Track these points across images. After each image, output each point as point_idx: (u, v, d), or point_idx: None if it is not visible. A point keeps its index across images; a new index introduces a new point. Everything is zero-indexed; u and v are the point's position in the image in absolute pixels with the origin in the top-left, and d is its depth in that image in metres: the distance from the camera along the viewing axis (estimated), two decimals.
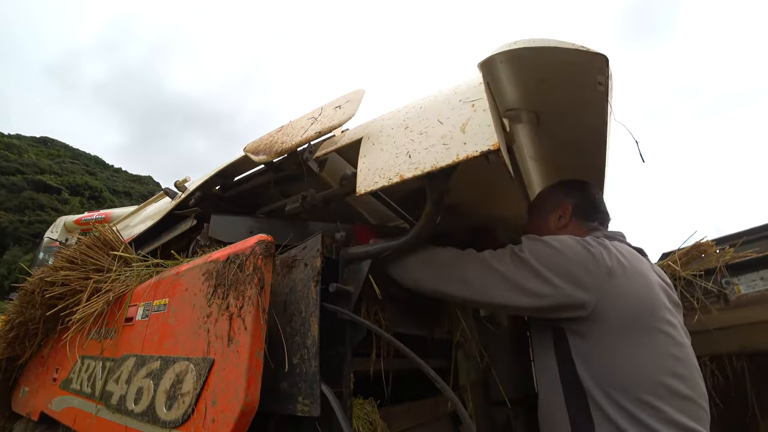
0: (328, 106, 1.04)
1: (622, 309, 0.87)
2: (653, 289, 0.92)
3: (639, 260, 0.96)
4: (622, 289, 0.88)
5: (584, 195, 1.17)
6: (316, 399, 0.82)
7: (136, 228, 1.93)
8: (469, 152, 0.70)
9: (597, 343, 0.87)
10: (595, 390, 0.86)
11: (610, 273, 0.88)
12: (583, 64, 0.81)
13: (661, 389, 0.82)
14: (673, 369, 0.85)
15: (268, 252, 0.89)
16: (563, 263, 0.89)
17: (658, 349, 0.86)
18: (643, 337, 0.86)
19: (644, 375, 0.83)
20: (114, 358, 1.28)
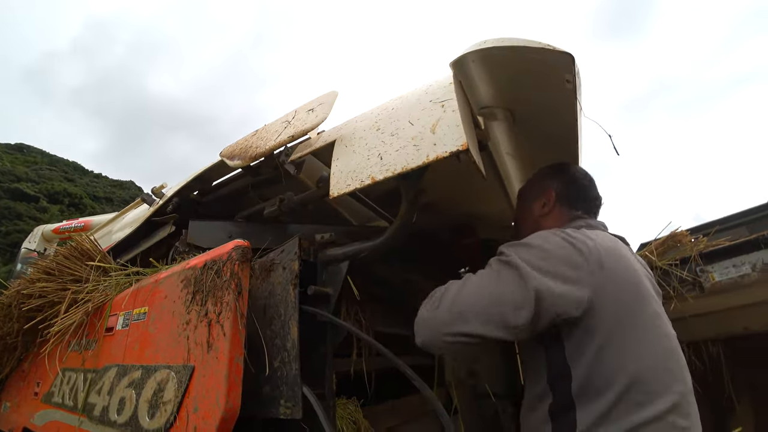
0: (302, 109, 1.04)
1: (616, 301, 0.82)
2: (640, 278, 0.87)
3: (624, 250, 0.92)
4: (615, 281, 0.83)
5: (569, 179, 1.10)
6: (298, 401, 0.82)
7: (115, 236, 1.90)
8: (438, 153, 0.71)
9: (591, 340, 0.81)
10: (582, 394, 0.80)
11: (600, 264, 0.82)
12: (551, 63, 0.83)
13: (655, 383, 0.78)
14: (666, 363, 0.81)
15: (245, 257, 0.89)
16: (551, 261, 0.83)
17: (652, 343, 0.81)
18: (635, 330, 0.81)
19: (642, 372, 0.78)
20: (95, 369, 1.27)
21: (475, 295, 0.84)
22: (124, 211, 2.35)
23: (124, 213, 2.31)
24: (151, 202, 1.57)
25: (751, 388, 1.79)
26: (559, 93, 0.88)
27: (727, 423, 1.81)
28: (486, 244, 1.50)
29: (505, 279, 0.83)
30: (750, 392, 1.79)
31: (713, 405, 1.82)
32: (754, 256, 1.68)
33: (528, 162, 1.28)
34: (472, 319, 0.82)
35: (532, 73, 0.88)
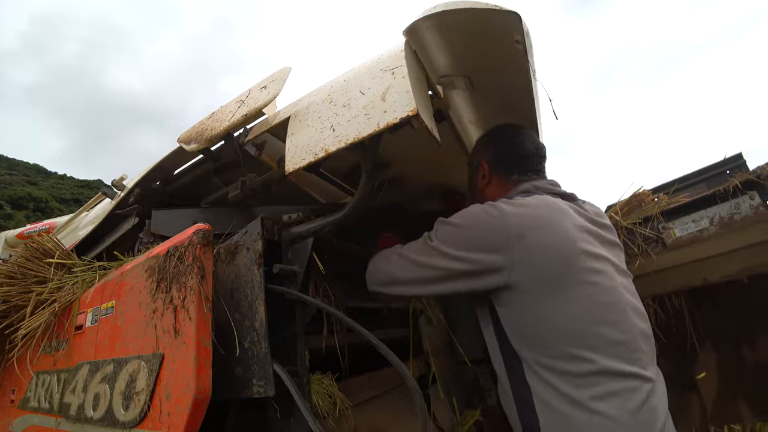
0: (255, 87, 1.01)
1: (539, 268, 0.85)
2: (572, 239, 0.87)
3: (556, 211, 0.91)
4: (537, 249, 0.85)
5: (498, 145, 1.12)
6: (269, 380, 0.83)
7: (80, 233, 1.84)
8: (389, 120, 0.71)
9: (521, 306, 0.86)
10: (528, 355, 0.85)
11: (520, 235, 0.85)
12: (500, 24, 0.83)
13: (591, 340, 0.81)
14: (604, 316, 0.83)
15: (207, 240, 0.88)
16: (468, 236, 0.90)
17: (584, 301, 0.83)
18: (566, 292, 0.83)
19: (572, 330, 0.82)
20: (68, 368, 1.25)
21: (405, 265, 0.98)
22: (86, 206, 2.27)
23: (86, 209, 2.23)
24: (113, 196, 1.52)
25: (712, 333, 1.90)
26: (511, 55, 0.88)
27: (691, 370, 1.93)
28: None
29: (428, 253, 0.94)
30: (712, 337, 1.91)
31: (678, 353, 1.93)
32: (712, 211, 1.77)
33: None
34: (402, 282, 0.99)
35: (484, 37, 0.88)
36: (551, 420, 0.81)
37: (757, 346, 1.83)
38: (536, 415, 0.83)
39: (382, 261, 1.05)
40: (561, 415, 0.79)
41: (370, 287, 1.08)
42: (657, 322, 1.83)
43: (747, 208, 1.70)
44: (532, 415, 0.83)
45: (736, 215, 1.71)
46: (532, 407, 0.83)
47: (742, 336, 1.86)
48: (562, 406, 0.79)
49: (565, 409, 0.79)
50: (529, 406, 0.84)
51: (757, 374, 1.81)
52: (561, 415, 0.79)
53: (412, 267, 0.96)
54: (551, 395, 0.81)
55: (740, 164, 2.09)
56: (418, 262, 0.95)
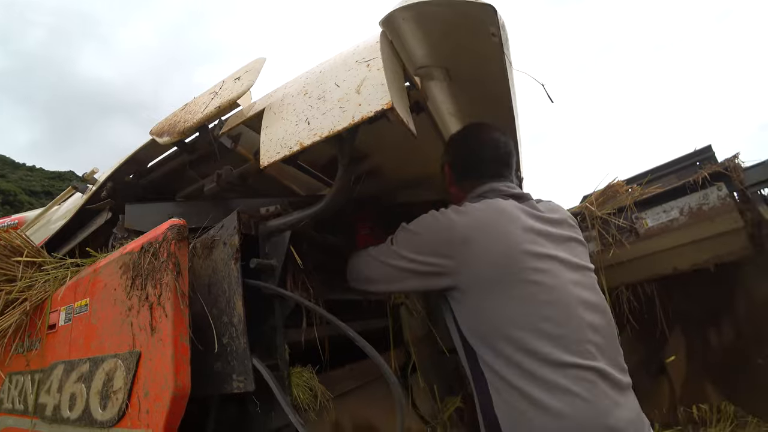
0: (229, 78, 0.99)
1: (482, 271, 0.91)
2: (515, 242, 0.93)
3: (502, 215, 0.97)
4: (480, 253, 0.92)
5: (458, 150, 1.17)
6: (249, 375, 0.83)
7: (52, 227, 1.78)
8: (364, 113, 0.71)
9: (469, 305, 0.94)
10: (479, 346, 0.93)
11: (464, 241, 0.93)
12: (476, 16, 0.83)
13: (533, 334, 0.86)
14: (544, 313, 0.88)
15: (181, 236, 0.86)
16: (420, 241, 1.00)
17: (526, 299, 0.89)
18: (509, 291, 0.89)
19: (516, 325, 0.87)
20: (42, 368, 1.22)
21: (374, 265, 1.07)
22: (56, 200, 2.20)
23: (57, 203, 2.16)
24: (84, 190, 1.47)
25: (681, 319, 1.98)
26: (487, 48, 0.89)
27: (661, 354, 2.02)
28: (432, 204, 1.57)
29: (390, 256, 1.03)
30: (681, 323, 1.99)
31: (649, 337, 2.02)
32: (682, 201, 1.83)
33: (468, 120, 1.30)
34: (373, 281, 1.09)
35: (460, 29, 0.88)
36: (504, 406, 0.87)
37: (722, 331, 1.92)
38: (491, 400, 0.90)
39: (357, 260, 1.15)
40: (511, 402, 0.85)
41: (350, 284, 1.17)
42: (630, 309, 1.90)
43: (715, 199, 1.77)
44: (488, 400, 0.90)
45: (705, 205, 1.78)
46: (488, 395, 0.90)
47: (708, 321, 1.95)
48: (510, 394, 0.86)
49: (512, 396, 0.85)
50: (485, 393, 0.91)
51: (722, 357, 1.91)
52: (511, 402, 0.85)
53: (379, 267, 1.06)
54: (501, 385, 0.88)
55: (709, 156, 2.17)
56: (384, 263, 1.05)
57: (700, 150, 2.19)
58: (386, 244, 1.06)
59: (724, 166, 1.79)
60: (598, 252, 1.88)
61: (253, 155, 1.05)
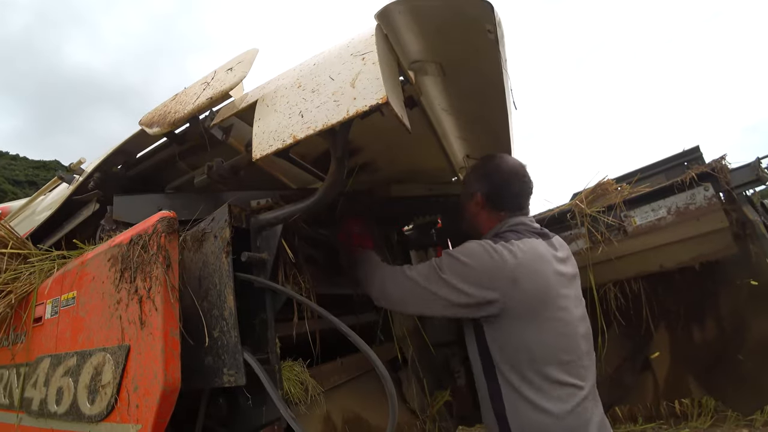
0: (221, 69, 0.98)
1: (523, 306, 1.08)
2: (549, 284, 1.11)
3: (541, 260, 1.13)
4: (523, 292, 1.08)
5: (492, 181, 1.27)
6: (240, 368, 0.83)
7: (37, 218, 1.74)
8: (358, 107, 0.70)
9: (504, 330, 1.10)
10: (502, 364, 1.10)
11: (513, 280, 1.07)
12: (472, 12, 0.82)
13: (550, 361, 1.07)
14: (559, 344, 1.09)
15: (171, 228, 0.85)
16: (472, 273, 1.09)
17: (550, 332, 1.09)
18: (540, 324, 1.08)
19: (538, 351, 1.06)
20: (28, 362, 1.20)
21: (416, 292, 1.14)
22: (42, 190, 2.15)
23: (42, 193, 2.11)
24: (70, 181, 1.44)
25: (666, 316, 2.02)
26: (482, 44, 0.89)
27: (646, 350, 2.06)
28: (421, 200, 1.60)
29: (436, 283, 1.11)
30: (665, 320, 2.03)
31: (635, 334, 2.06)
32: (670, 201, 1.86)
33: (462, 116, 1.30)
34: (412, 305, 1.19)
35: (456, 24, 0.88)
36: (514, 411, 1.07)
37: (705, 328, 1.97)
38: (504, 406, 1.09)
39: (392, 283, 1.19)
40: (520, 408, 1.06)
41: (378, 303, 1.23)
42: (617, 306, 1.94)
43: (701, 199, 1.80)
44: (500, 405, 1.10)
45: (692, 205, 1.82)
46: (501, 400, 1.09)
47: (692, 318, 1.99)
48: (520, 401, 1.06)
49: (522, 403, 1.06)
50: (499, 399, 1.10)
51: (704, 353, 1.96)
52: (520, 408, 1.06)
53: (422, 294, 1.13)
54: (514, 395, 1.07)
55: (697, 157, 2.21)
56: (428, 290, 1.12)
57: (688, 150, 2.23)
58: (430, 271, 1.13)
59: (711, 167, 1.82)
60: (587, 249, 1.90)
61: (244, 147, 1.04)
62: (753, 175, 1.81)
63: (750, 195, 1.87)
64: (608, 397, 2.06)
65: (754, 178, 1.81)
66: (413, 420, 1.44)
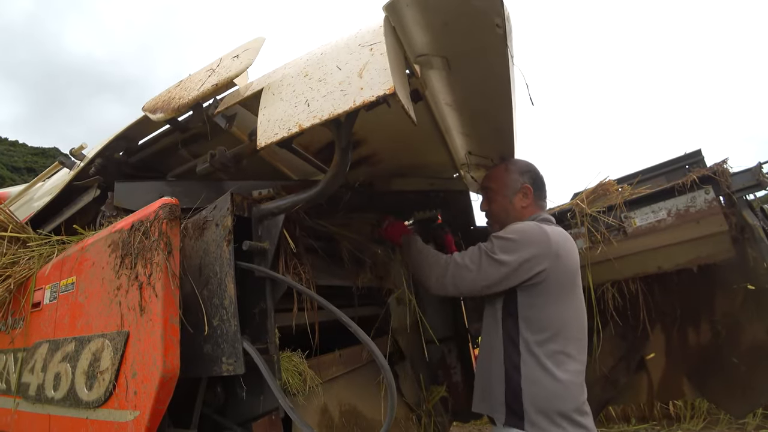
0: (227, 56, 0.97)
1: (563, 279, 1.22)
2: (577, 264, 1.27)
3: (571, 242, 1.29)
4: (563, 266, 1.21)
5: (535, 174, 1.43)
6: (239, 357, 0.83)
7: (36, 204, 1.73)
8: (365, 98, 0.70)
9: (539, 300, 1.20)
10: (525, 332, 1.20)
11: (557, 255, 1.20)
12: (481, 6, 0.82)
13: (570, 335, 1.20)
14: (578, 322, 1.25)
15: (173, 215, 0.85)
16: (522, 246, 1.20)
17: (574, 307, 1.25)
18: (569, 302, 1.23)
19: (562, 325, 1.20)
20: (26, 347, 1.20)
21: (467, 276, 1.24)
22: (41, 176, 2.14)
23: (42, 179, 2.10)
24: (71, 166, 1.43)
25: (662, 317, 2.03)
26: (490, 39, 0.88)
27: (642, 350, 2.07)
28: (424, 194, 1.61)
29: (493, 264, 1.21)
30: (662, 321, 2.04)
31: (631, 336, 2.07)
32: (670, 203, 1.87)
33: (466, 112, 1.29)
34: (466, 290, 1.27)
35: (464, 18, 0.87)
36: (531, 380, 1.17)
37: (700, 330, 1.98)
38: (520, 374, 1.18)
39: (446, 273, 1.28)
40: (538, 377, 1.16)
41: (435, 293, 1.34)
42: (614, 306, 1.95)
43: (702, 202, 1.80)
44: (516, 374, 1.19)
45: (692, 208, 1.82)
46: (518, 367, 1.19)
47: (688, 320, 2.00)
48: (540, 371, 1.16)
49: (541, 373, 1.16)
50: (515, 366, 1.19)
51: (699, 355, 1.97)
52: (538, 377, 1.16)
53: (474, 277, 1.23)
54: (533, 361, 1.17)
55: (699, 160, 2.20)
56: (480, 274, 1.22)
57: (690, 153, 2.22)
58: (480, 254, 1.24)
59: (713, 171, 1.82)
60: (587, 249, 1.91)
61: (248, 136, 1.03)
62: (754, 180, 1.81)
63: (750, 199, 1.88)
64: (602, 397, 2.08)
65: (755, 182, 1.81)
66: (409, 414, 1.44)
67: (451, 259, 1.30)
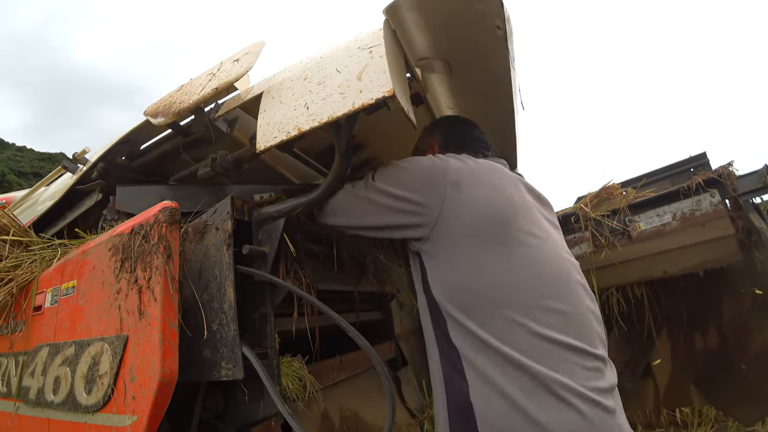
0: (227, 60, 0.97)
1: (468, 219, 0.81)
2: (510, 198, 0.86)
3: (500, 174, 0.91)
4: (469, 198, 0.82)
5: (447, 129, 1.11)
6: (238, 362, 0.82)
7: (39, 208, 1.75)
8: (364, 100, 0.69)
9: (446, 260, 0.82)
10: (456, 313, 0.79)
11: (456, 183, 0.83)
12: (482, 8, 0.82)
13: (531, 303, 0.76)
14: (547, 282, 0.79)
15: (173, 219, 0.85)
16: (407, 176, 0.89)
17: (524, 262, 0.79)
18: (504, 249, 0.79)
19: (510, 292, 0.76)
20: (26, 351, 1.20)
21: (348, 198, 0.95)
22: (45, 180, 2.15)
23: (45, 183, 2.12)
24: (74, 170, 1.44)
25: (668, 322, 2.01)
26: (490, 41, 0.88)
27: (648, 356, 2.05)
28: None
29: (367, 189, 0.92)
30: (668, 327, 2.02)
31: (636, 341, 2.04)
32: (675, 206, 1.85)
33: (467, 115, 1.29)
34: (343, 214, 0.96)
35: (464, 20, 0.87)
36: (481, 383, 0.73)
37: (707, 335, 1.95)
38: (465, 378, 0.75)
39: (330, 196, 0.99)
40: (491, 381, 0.72)
41: (318, 219, 1.03)
42: (619, 311, 1.93)
43: (707, 205, 1.79)
44: (461, 379, 0.76)
45: (698, 211, 1.80)
46: (462, 372, 0.76)
47: (695, 325, 1.98)
48: (494, 370, 0.72)
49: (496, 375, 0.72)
50: (457, 370, 0.77)
51: (706, 361, 1.94)
52: (491, 381, 0.72)
53: (353, 200, 0.95)
54: (481, 358, 0.74)
55: (704, 163, 2.19)
56: (359, 196, 0.94)
57: (695, 156, 2.21)
58: (364, 179, 0.96)
59: (718, 173, 1.80)
60: (590, 253, 1.89)
61: (249, 140, 1.03)
62: (760, 183, 1.79)
63: (757, 202, 1.86)
64: None
65: (761, 185, 1.79)
66: (411, 420, 1.43)
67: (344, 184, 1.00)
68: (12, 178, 36.53)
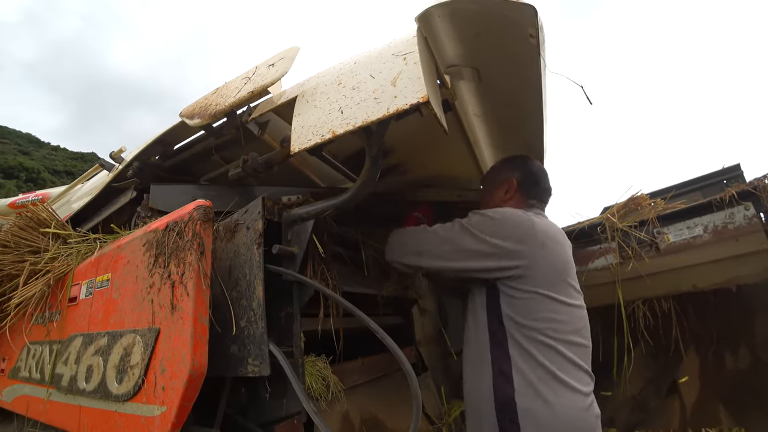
0: (263, 64, 1.00)
1: (549, 272, 1.06)
2: (568, 259, 1.13)
3: (561, 236, 1.16)
4: (548, 257, 1.07)
5: (527, 170, 1.28)
6: (265, 359, 0.83)
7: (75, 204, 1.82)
8: (399, 105, 0.70)
9: (524, 298, 1.06)
10: (516, 332, 1.05)
11: (542, 244, 1.07)
12: (514, 17, 0.82)
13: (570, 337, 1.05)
14: (579, 324, 1.09)
15: (207, 217, 0.87)
16: (501, 228, 1.07)
17: (566, 308, 1.07)
18: (558, 296, 1.06)
19: (557, 326, 1.04)
20: (61, 339, 1.25)
21: (434, 240, 1.13)
22: (81, 178, 2.25)
23: (81, 181, 2.21)
24: (110, 168, 1.50)
25: (697, 339, 1.94)
26: (522, 49, 0.88)
27: (674, 373, 1.97)
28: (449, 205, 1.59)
29: (459, 233, 1.10)
30: (696, 343, 1.95)
31: (663, 357, 1.97)
32: (707, 219, 1.79)
33: (495, 123, 1.29)
34: (427, 255, 1.14)
35: (496, 29, 0.87)
36: (525, 389, 1.00)
37: (738, 354, 1.87)
38: (513, 384, 1.02)
39: (411, 235, 1.20)
40: (534, 386, 1.00)
41: (390, 257, 1.21)
42: (645, 325, 1.87)
43: (741, 218, 1.72)
44: (507, 384, 1.02)
45: (730, 225, 1.74)
46: (510, 377, 1.02)
47: (724, 343, 1.90)
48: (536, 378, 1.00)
49: (538, 382, 1.00)
50: (505, 375, 1.03)
51: (736, 381, 1.86)
52: (534, 386, 1.00)
53: (440, 242, 1.11)
54: (530, 369, 1.01)
55: (737, 175, 2.11)
56: (448, 239, 1.10)
57: (728, 168, 2.14)
58: (452, 224, 1.12)
59: (753, 186, 1.74)
60: (616, 264, 1.85)
61: (279, 143, 1.05)
62: None
63: None
64: (630, 420, 1.98)
65: None
66: (429, 427, 1.42)
67: (422, 227, 1.19)
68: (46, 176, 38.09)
